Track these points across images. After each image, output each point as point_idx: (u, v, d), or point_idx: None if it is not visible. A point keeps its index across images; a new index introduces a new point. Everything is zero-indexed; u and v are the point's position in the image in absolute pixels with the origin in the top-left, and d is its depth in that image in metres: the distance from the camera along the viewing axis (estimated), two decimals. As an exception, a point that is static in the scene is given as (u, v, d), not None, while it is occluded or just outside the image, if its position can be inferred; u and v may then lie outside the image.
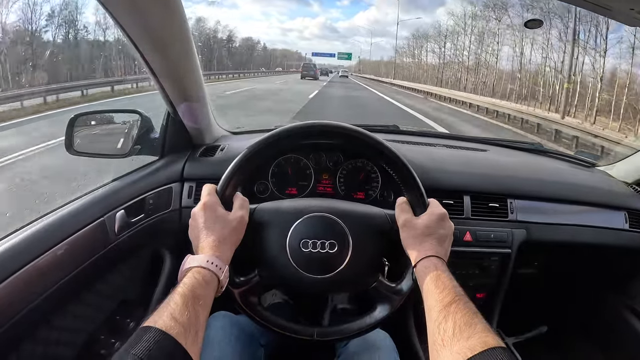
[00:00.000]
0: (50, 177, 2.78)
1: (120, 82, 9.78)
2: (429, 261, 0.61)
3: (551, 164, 1.25)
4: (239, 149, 0.68)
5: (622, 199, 1.08)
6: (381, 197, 0.98)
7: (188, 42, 0.75)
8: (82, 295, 0.77)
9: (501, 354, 0.44)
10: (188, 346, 0.46)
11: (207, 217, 0.62)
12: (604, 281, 1.26)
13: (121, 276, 0.88)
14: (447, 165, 1.02)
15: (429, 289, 0.57)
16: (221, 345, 0.73)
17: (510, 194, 0.99)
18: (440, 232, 0.64)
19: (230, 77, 25.26)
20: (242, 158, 0.66)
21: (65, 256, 0.68)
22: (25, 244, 0.64)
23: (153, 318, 0.47)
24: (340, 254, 0.65)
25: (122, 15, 0.64)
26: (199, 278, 0.54)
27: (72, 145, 0.89)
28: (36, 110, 5.46)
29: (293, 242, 0.65)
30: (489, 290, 1.02)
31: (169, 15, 0.67)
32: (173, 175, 0.94)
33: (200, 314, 0.51)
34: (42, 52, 10.07)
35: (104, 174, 0.90)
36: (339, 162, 0.99)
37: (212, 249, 0.59)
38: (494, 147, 1.29)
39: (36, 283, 0.63)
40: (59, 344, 0.74)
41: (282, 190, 0.98)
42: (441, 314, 0.52)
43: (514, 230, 0.97)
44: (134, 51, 0.71)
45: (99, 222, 0.76)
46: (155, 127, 0.97)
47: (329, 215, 0.67)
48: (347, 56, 53.07)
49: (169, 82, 0.80)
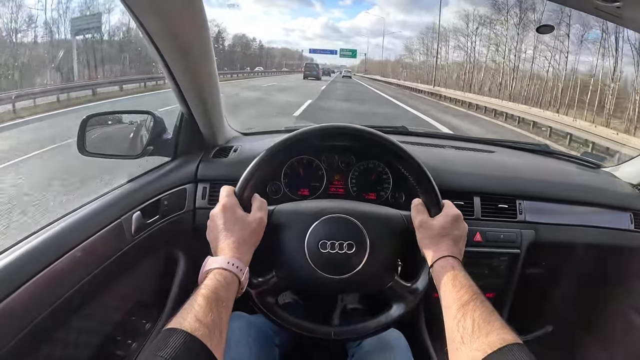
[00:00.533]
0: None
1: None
2: (445, 261, 0.62)
3: (558, 165, 1.26)
4: (251, 150, 0.69)
5: (627, 200, 1.09)
6: (392, 198, 0.99)
7: (207, 44, 0.75)
8: (100, 296, 0.77)
9: (519, 350, 0.45)
10: (213, 347, 0.47)
11: (226, 218, 0.63)
12: (609, 281, 1.27)
13: (137, 277, 0.88)
14: (457, 167, 1.03)
15: (446, 288, 0.58)
16: (238, 346, 0.74)
17: (519, 195, 1.00)
18: (455, 232, 0.66)
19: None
20: (261, 159, 0.67)
21: (84, 258, 0.69)
22: (44, 246, 0.64)
23: (178, 320, 0.47)
24: (358, 255, 0.66)
25: (144, 15, 0.64)
26: (221, 279, 0.55)
27: (85, 146, 0.89)
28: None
29: (311, 243, 0.66)
30: (497, 290, 1.03)
31: (190, 16, 0.67)
32: (187, 176, 0.94)
33: (223, 315, 0.52)
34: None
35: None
36: (350, 163, 1.00)
37: (232, 251, 0.59)
38: (501, 148, 1.30)
39: (55, 286, 0.64)
40: (77, 345, 0.74)
41: (295, 191, 0.99)
42: (460, 312, 0.53)
43: (523, 231, 0.98)
44: (153, 51, 0.71)
45: (117, 224, 0.77)
46: (167, 128, 0.98)
47: (347, 216, 0.68)
48: (352, 53, 46.77)
49: (186, 83, 0.80)
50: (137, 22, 0.64)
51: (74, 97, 6.85)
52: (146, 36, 0.68)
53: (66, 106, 6.27)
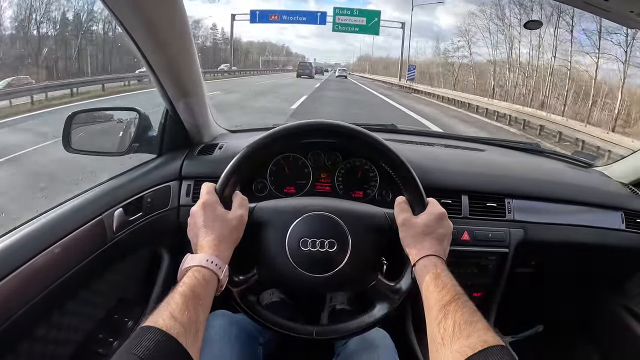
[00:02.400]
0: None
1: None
2: (428, 260, 0.61)
3: (549, 164, 1.26)
4: (237, 148, 0.68)
5: (618, 199, 1.09)
6: (379, 196, 0.98)
7: (188, 39, 0.75)
8: (81, 294, 0.77)
9: (500, 352, 0.44)
10: (188, 346, 0.46)
11: (206, 216, 0.62)
12: (600, 280, 1.27)
13: (119, 275, 0.88)
14: (446, 165, 1.03)
15: (428, 288, 0.57)
16: (220, 344, 0.73)
17: (508, 194, 1.00)
18: (440, 231, 0.65)
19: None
20: (242, 157, 0.66)
21: (63, 255, 0.68)
22: (22, 243, 0.64)
23: (153, 317, 0.47)
24: (340, 253, 0.65)
25: (122, 11, 0.63)
26: (199, 277, 0.54)
27: (70, 143, 0.89)
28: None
29: (292, 241, 0.65)
30: (486, 290, 1.03)
31: (170, 12, 0.67)
32: (171, 173, 0.94)
33: (200, 313, 0.51)
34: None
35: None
36: (337, 161, 0.99)
37: (212, 248, 0.59)
38: (492, 146, 1.30)
39: (34, 282, 0.63)
40: (58, 343, 0.74)
41: (281, 189, 0.98)
42: (441, 313, 0.52)
43: (512, 230, 0.97)
44: (134, 48, 0.71)
45: (97, 221, 0.76)
46: (153, 125, 0.97)
47: (329, 214, 0.67)
48: (367, 18, 24.10)
49: (168, 80, 0.80)
50: (114, 18, 0.64)
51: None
52: (125, 32, 0.67)
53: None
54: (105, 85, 9.11)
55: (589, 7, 0.81)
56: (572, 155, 1.34)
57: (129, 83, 9.78)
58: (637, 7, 0.75)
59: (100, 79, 10.05)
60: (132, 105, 0.97)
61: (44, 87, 6.85)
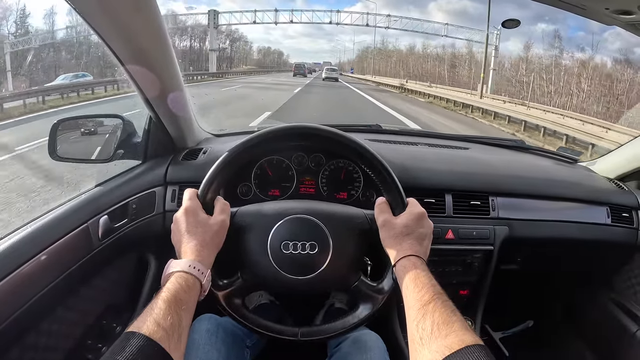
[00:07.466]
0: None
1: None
2: (408, 260, 0.62)
3: (533, 161, 1.26)
4: (220, 152, 0.69)
5: (604, 195, 1.09)
6: (364, 197, 0.99)
7: (166, 45, 0.75)
8: (68, 301, 0.77)
9: (478, 351, 0.45)
10: (171, 350, 0.47)
11: (188, 222, 0.63)
12: (587, 275, 1.28)
13: (107, 281, 0.88)
14: (429, 164, 1.03)
15: (407, 288, 0.58)
16: (206, 348, 0.74)
17: (492, 192, 1.00)
18: (419, 231, 0.65)
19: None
20: (222, 162, 0.67)
21: (50, 263, 0.68)
22: (8, 251, 0.64)
23: (137, 324, 0.48)
24: (321, 255, 0.66)
25: (97, 21, 0.63)
26: (182, 283, 0.55)
27: (55, 150, 0.89)
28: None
29: (274, 244, 0.66)
30: (472, 287, 1.03)
31: (146, 18, 0.66)
32: (156, 179, 0.94)
33: (183, 318, 0.52)
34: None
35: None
36: (321, 163, 0.99)
37: (194, 254, 0.60)
38: (476, 144, 1.30)
39: (21, 290, 0.63)
40: (46, 349, 0.74)
41: (265, 192, 0.98)
42: (419, 313, 0.53)
43: (496, 227, 0.98)
44: (110, 54, 0.71)
45: (83, 228, 0.76)
46: (137, 132, 0.97)
47: (309, 217, 0.68)
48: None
49: (148, 85, 0.80)
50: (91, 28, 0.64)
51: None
52: (102, 41, 0.67)
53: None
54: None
55: (564, 5, 0.82)
56: (557, 151, 1.34)
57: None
58: (611, 4, 0.76)
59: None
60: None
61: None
